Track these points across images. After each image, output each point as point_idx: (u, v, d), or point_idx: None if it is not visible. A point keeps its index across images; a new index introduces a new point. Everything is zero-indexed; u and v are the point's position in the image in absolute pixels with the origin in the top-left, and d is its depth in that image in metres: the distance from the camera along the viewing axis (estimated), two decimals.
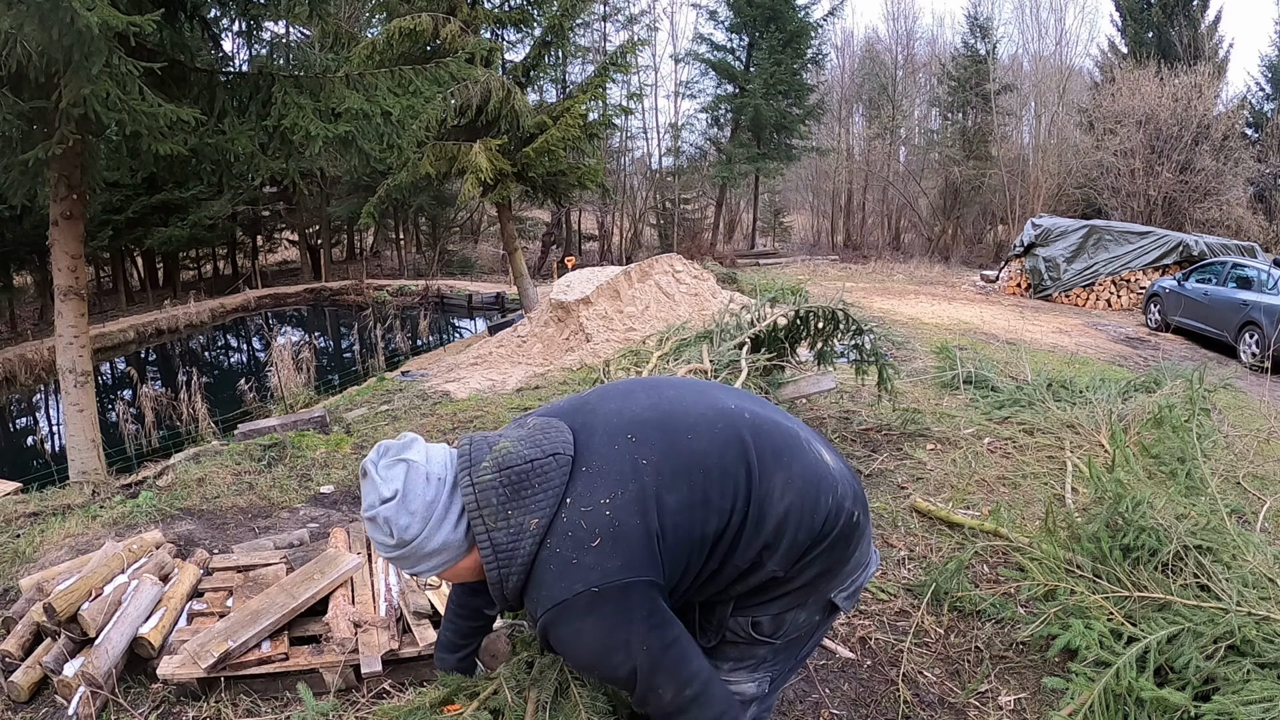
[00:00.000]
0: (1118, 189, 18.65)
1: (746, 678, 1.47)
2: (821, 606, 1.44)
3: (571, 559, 1.23)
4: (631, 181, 27.11)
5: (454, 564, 1.33)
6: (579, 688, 1.50)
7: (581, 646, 1.26)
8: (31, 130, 5.60)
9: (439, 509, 1.28)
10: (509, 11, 15.17)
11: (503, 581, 1.28)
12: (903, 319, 11.11)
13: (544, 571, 1.26)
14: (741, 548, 1.33)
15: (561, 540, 1.25)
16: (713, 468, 1.31)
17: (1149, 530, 2.56)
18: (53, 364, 7.95)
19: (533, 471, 1.29)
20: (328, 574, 2.82)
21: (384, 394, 7.21)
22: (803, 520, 1.33)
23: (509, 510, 1.27)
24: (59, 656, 2.52)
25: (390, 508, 1.26)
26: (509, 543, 1.26)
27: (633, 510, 1.26)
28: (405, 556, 1.31)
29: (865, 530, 1.45)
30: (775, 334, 4.68)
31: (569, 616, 1.23)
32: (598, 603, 1.22)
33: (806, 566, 1.37)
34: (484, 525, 1.28)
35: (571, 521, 1.26)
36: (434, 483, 1.29)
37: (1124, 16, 22.63)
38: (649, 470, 1.29)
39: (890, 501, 3.93)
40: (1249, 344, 9.48)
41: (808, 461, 1.38)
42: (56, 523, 3.90)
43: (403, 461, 1.29)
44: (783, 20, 21.44)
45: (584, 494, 1.28)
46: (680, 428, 1.35)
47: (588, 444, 1.33)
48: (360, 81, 6.42)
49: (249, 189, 18.70)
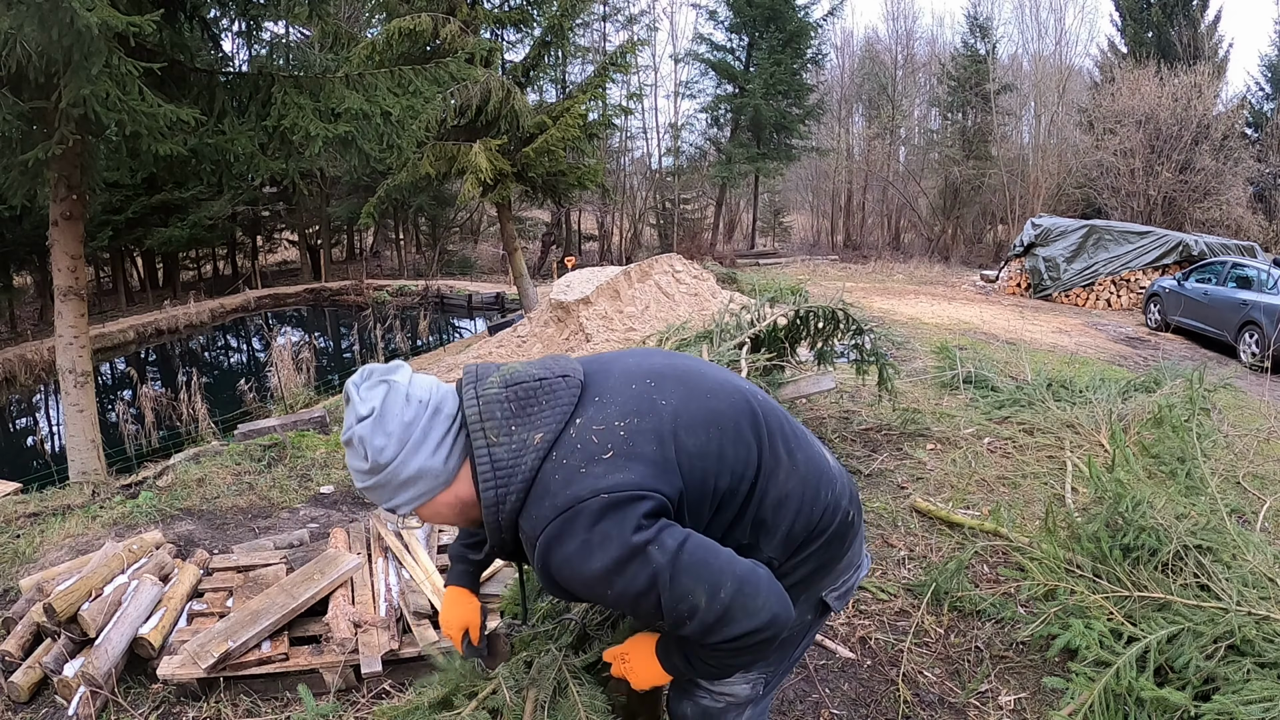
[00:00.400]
0: (1117, 189, 18.65)
1: (740, 679, 1.45)
2: (813, 605, 1.43)
3: (580, 468, 1.16)
4: (631, 181, 27.12)
5: (432, 497, 1.24)
6: (578, 687, 1.50)
7: (592, 561, 1.14)
8: (31, 130, 5.60)
9: (417, 431, 1.19)
10: (509, 11, 15.17)
11: (499, 504, 1.19)
12: (903, 319, 11.11)
13: (548, 483, 1.17)
14: (743, 521, 1.30)
15: (569, 452, 1.18)
16: (729, 427, 1.28)
17: (1149, 530, 2.56)
18: (53, 364, 7.95)
19: (541, 389, 1.24)
20: (328, 574, 2.82)
21: None
22: (801, 509, 1.32)
23: (512, 425, 1.20)
24: (59, 657, 2.52)
25: (366, 426, 1.19)
26: (510, 459, 1.19)
27: (649, 437, 1.20)
28: (380, 486, 1.22)
29: (859, 531, 1.45)
30: (775, 334, 4.68)
31: (576, 527, 1.13)
32: (608, 511, 1.13)
33: (802, 562, 1.36)
34: (484, 440, 1.20)
35: (581, 436, 1.20)
36: (414, 404, 1.21)
37: (1124, 16, 22.63)
38: (668, 410, 1.25)
39: (890, 501, 3.93)
40: (1249, 344, 9.48)
41: (811, 454, 1.38)
42: (56, 523, 3.91)
43: (384, 383, 1.22)
44: (782, 20, 21.44)
45: (595, 415, 1.22)
46: (699, 386, 1.32)
47: (603, 382, 1.29)
48: (360, 82, 6.42)
49: (249, 189, 18.70)
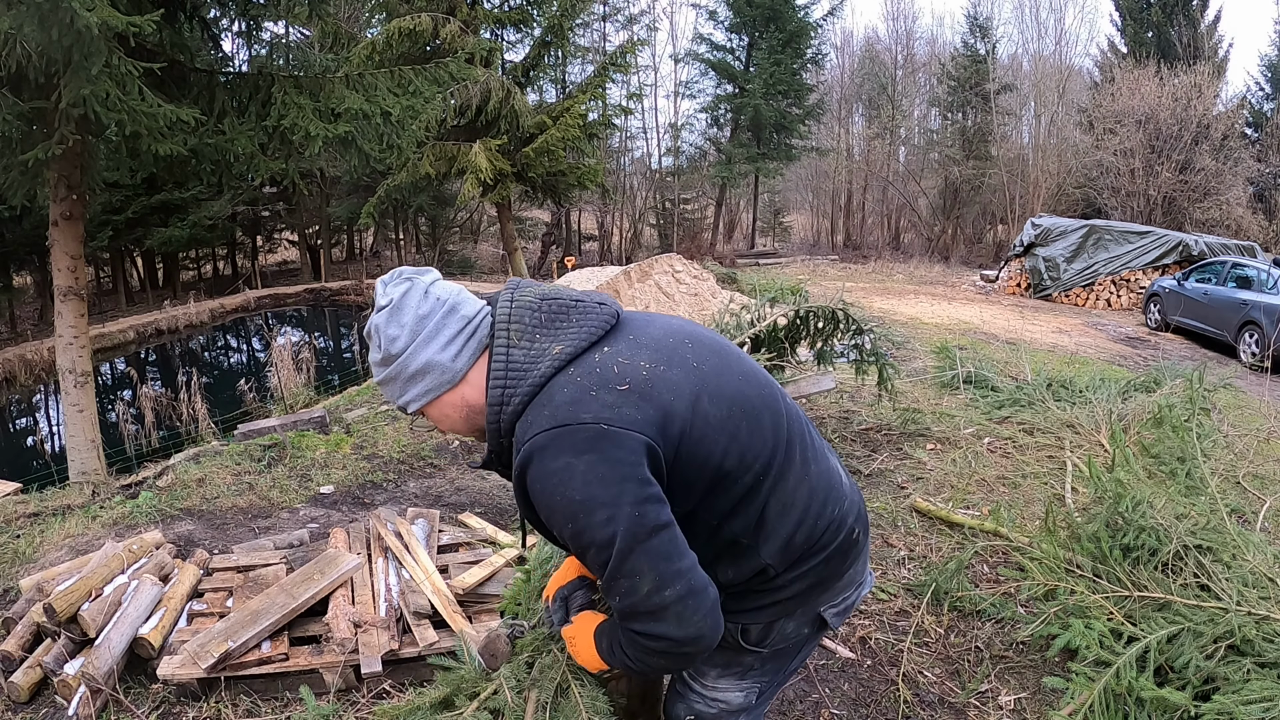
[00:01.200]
0: (1117, 189, 18.65)
1: (734, 686, 1.43)
2: (811, 620, 1.39)
3: (591, 390, 1.13)
4: (631, 181, 27.10)
5: (438, 395, 1.23)
6: (579, 688, 1.50)
7: (566, 487, 1.10)
8: (31, 130, 5.60)
9: (430, 325, 1.21)
10: (509, 11, 15.18)
11: (503, 404, 1.17)
12: (903, 319, 11.11)
13: (554, 393, 1.14)
14: (744, 514, 1.25)
15: (586, 373, 1.15)
16: (752, 413, 1.24)
17: (1149, 530, 2.56)
18: (53, 364, 7.95)
19: (575, 309, 1.23)
20: (328, 574, 2.82)
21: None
22: (805, 519, 1.29)
23: (537, 334, 1.20)
24: (59, 657, 2.52)
25: (382, 316, 1.22)
26: (525, 361, 1.18)
27: (671, 388, 1.17)
28: (392, 378, 1.23)
29: (863, 549, 1.42)
30: (775, 334, 4.68)
31: (564, 446, 1.10)
32: (603, 442, 1.09)
33: (801, 576, 1.32)
34: (506, 340, 1.20)
35: (604, 362, 1.17)
36: (431, 300, 1.22)
37: (1124, 16, 22.63)
38: (699, 372, 1.22)
39: (890, 501, 3.93)
40: (1249, 344, 9.48)
41: (825, 468, 1.36)
42: (56, 523, 3.91)
43: (408, 280, 1.24)
44: (782, 20, 21.44)
45: (624, 349, 1.20)
46: (734, 365, 1.29)
47: (642, 327, 1.27)
48: (360, 82, 6.42)
49: (249, 189, 18.69)
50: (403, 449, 5.10)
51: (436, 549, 3.33)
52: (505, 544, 3.31)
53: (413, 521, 3.46)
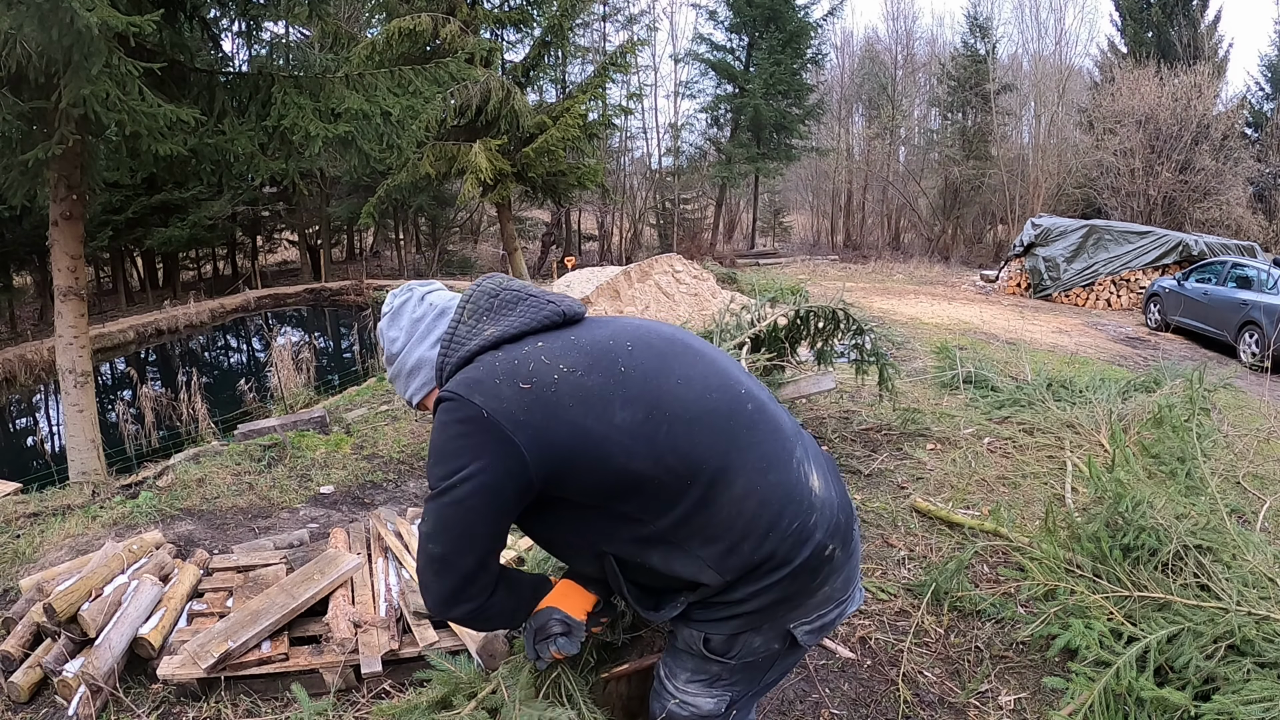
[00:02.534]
0: (1117, 189, 18.65)
1: (703, 692, 1.43)
2: (780, 636, 1.36)
3: (497, 377, 1.25)
4: (631, 181, 27.11)
5: (434, 388, 1.39)
6: (579, 688, 1.50)
7: (439, 437, 1.26)
8: (31, 130, 5.60)
9: (422, 328, 1.39)
10: (509, 11, 15.18)
11: (441, 370, 1.34)
12: (903, 319, 11.11)
13: (475, 366, 1.29)
14: (666, 515, 1.26)
15: (509, 359, 1.27)
16: (685, 418, 1.26)
17: (1149, 530, 2.56)
18: (53, 364, 7.95)
19: (524, 302, 1.36)
20: (328, 574, 2.82)
21: (384, 394, 7.22)
22: (752, 530, 1.26)
23: (485, 316, 1.35)
24: (59, 656, 2.52)
25: (385, 321, 1.43)
26: (464, 336, 1.34)
27: (579, 393, 1.24)
28: (396, 376, 1.42)
29: (841, 566, 1.37)
30: (775, 334, 4.68)
31: (452, 411, 1.24)
32: (478, 427, 1.21)
33: (763, 590, 1.29)
34: (458, 318, 1.37)
35: (529, 355, 1.28)
36: (425, 305, 1.41)
37: (1124, 16, 22.63)
38: (622, 377, 1.27)
39: (890, 501, 3.93)
40: (1249, 344, 9.47)
41: (785, 480, 1.30)
42: (56, 523, 3.91)
43: (409, 290, 1.44)
44: (782, 20, 21.45)
45: (554, 348, 1.30)
46: (677, 367, 1.32)
47: (592, 328, 1.37)
48: (360, 82, 6.42)
49: (249, 189, 18.70)
50: (403, 449, 5.10)
51: None
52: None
53: (413, 521, 3.46)
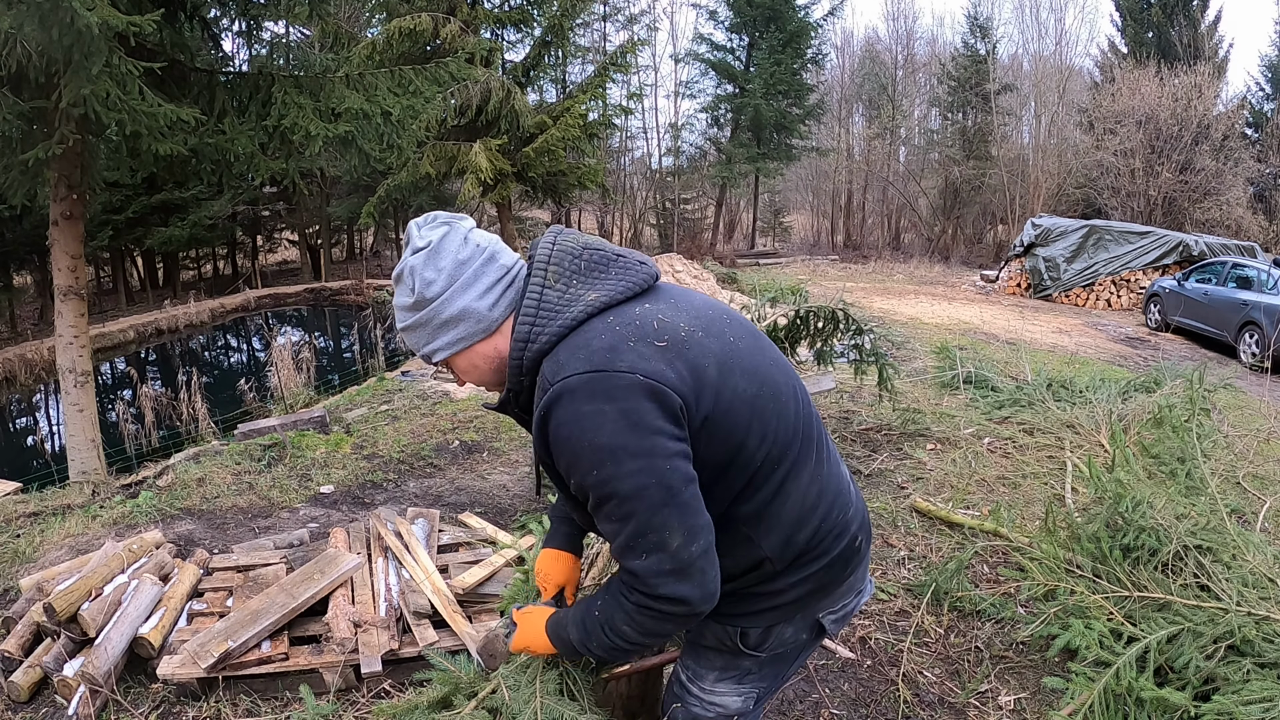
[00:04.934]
0: (1118, 189, 18.65)
1: (732, 690, 1.42)
2: (809, 625, 1.37)
3: (630, 340, 1.10)
4: (631, 181, 27.11)
5: (470, 344, 1.20)
6: (579, 689, 1.50)
7: (596, 432, 1.06)
8: (31, 130, 5.60)
9: (469, 271, 1.17)
10: (509, 11, 15.18)
11: (529, 341, 1.15)
12: (903, 319, 11.11)
13: (590, 337, 1.11)
14: (751, 500, 1.21)
15: (625, 324, 1.13)
16: (779, 398, 1.22)
17: (1149, 530, 2.56)
18: (53, 364, 7.95)
19: (617, 262, 1.22)
20: (328, 574, 2.82)
21: (384, 394, 7.22)
22: (811, 518, 1.27)
23: (575, 279, 1.18)
24: (59, 656, 2.52)
25: (419, 258, 1.18)
26: (558, 302, 1.15)
27: (707, 352, 1.14)
28: (422, 324, 1.19)
29: (865, 558, 1.40)
30: (775, 334, 4.68)
31: (598, 391, 1.06)
32: (637, 393, 1.06)
33: (802, 580, 1.30)
34: (542, 280, 1.18)
35: (643, 316, 1.14)
36: (471, 246, 1.19)
37: (1124, 16, 22.63)
38: (734, 345, 1.20)
39: (890, 501, 3.93)
40: (1249, 344, 9.47)
41: (837, 471, 1.35)
42: (56, 523, 3.91)
43: (446, 224, 1.21)
44: (783, 20, 21.43)
45: (664, 309, 1.18)
46: (765, 347, 1.28)
47: (680, 294, 1.26)
48: (360, 81, 6.42)
49: (249, 189, 18.69)
50: (403, 449, 5.10)
51: (436, 549, 3.33)
52: (505, 544, 3.31)
53: (413, 521, 3.46)
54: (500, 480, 4.59)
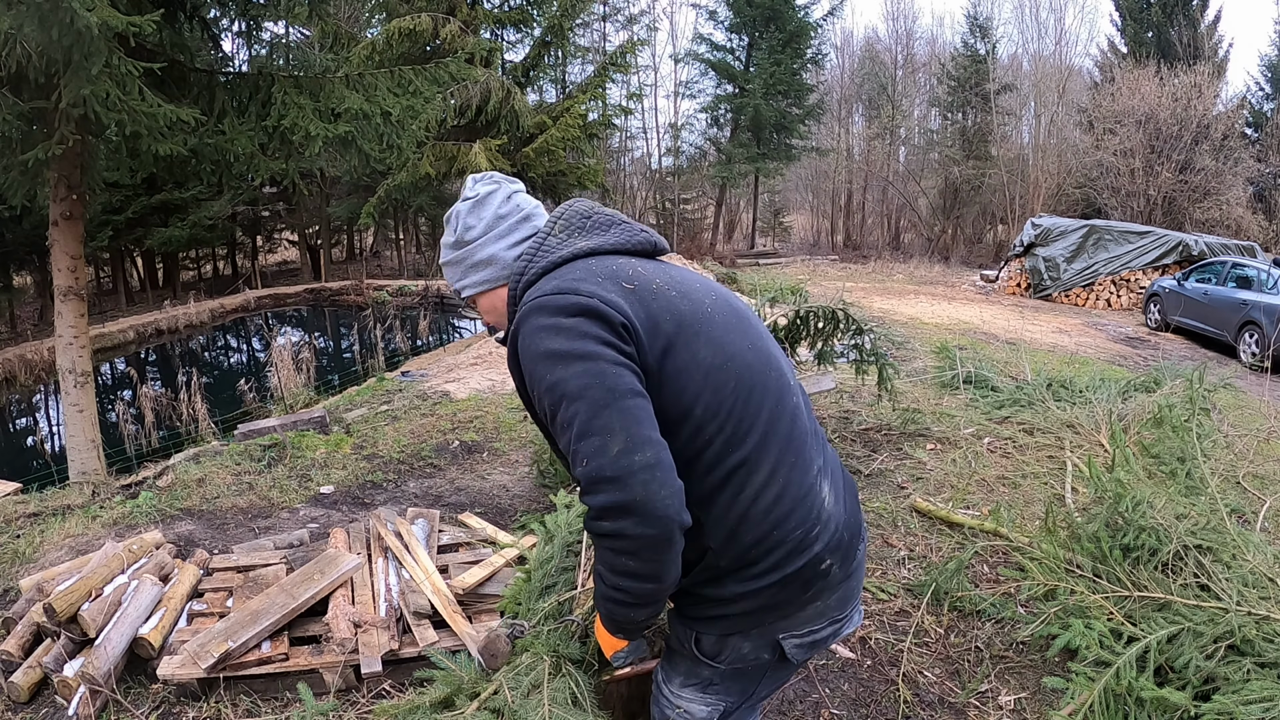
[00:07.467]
0: (1117, 189, 18.65)
1: (697, 698, 1.41)
2: (769, 646, 1.31)
3: (600, 276, 1.22)
4: (631, 181, 27.12)
5: (493, 287, 1.37)
6: (579, 689, 1.50)
7: (549, 339, 1.14)
8: (31, 130, 5.60)
9: (504, 226, 1.36)
10: (509, 11, 15.19)
11: (522, 274, 1.30)
12: (903, 319, 11.11)
13: (566, 270, 1.25)
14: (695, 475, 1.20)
15: (604, 265, 1.25)
16: (747, 383, 1.24)
17: (1149, 530, 2.56)
18: (53, 364, 7.95)
19: (619, 224, 1.36)
20: (328, 574, 2.82)
21: (384, 394, 7.22)
22: (760, 522, 1.22)
23: (578, 233, 1.33)
24: (59, 657, 2.52)
25: (466, 205, 1.39)
26: (555, 245, 1.31)
27: (673, 310, 1.23)
28: (457, 262, 1.38)
29: (838, 584, 1.31)
30: (775, 334, 4.68)
31: (556, 307, 1.17)
32: (591, 313, 1.16)
33: (753, 594, 1.25)
34: (548, 230, 1.34)
35: (623, 265, 1.27)
36: (512, 205, 1.38)
37: (1124, 16, 22.64)
38: (709, 315, 1.27)
39: (890, 501, 3.93)
40: (1249, 344, 9.48)
41: (803, 483, 1.27)
42: (56, 523, 3.91)
43: (496, 183, 1.39)
44: (782, 20, 21.44)
45: (649, 266, 1.30)
46: (749, 332, 1.32)
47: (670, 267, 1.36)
48: (360, 82, 6.42)
49: (249, 189, 18.69)
50: (403, 449, 5.10)
51: (436, 549, 3.33)
52: (505, 544, 3.31)
53: (413, 521, 3.46)
54: (500, 480, 4.59)
